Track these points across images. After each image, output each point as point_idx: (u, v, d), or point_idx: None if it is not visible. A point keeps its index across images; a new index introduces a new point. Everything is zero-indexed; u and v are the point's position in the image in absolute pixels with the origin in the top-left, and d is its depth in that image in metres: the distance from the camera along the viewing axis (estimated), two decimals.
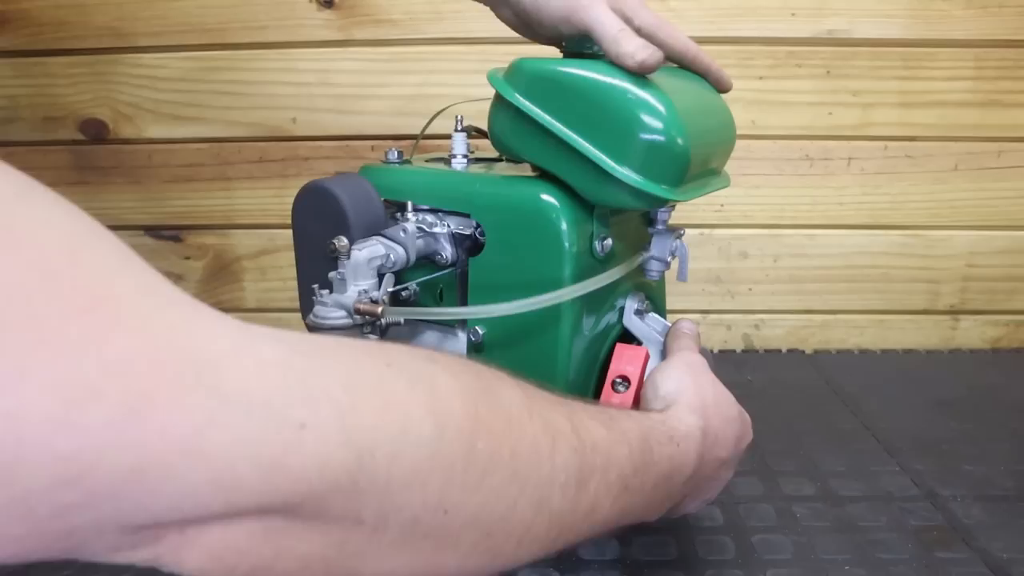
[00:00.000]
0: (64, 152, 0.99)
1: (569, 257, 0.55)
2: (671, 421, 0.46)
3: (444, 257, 0.60)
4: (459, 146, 0.64)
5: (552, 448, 0.35)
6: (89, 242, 0.25)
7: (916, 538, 0.62)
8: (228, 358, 0.25)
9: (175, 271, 1.02)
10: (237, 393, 0.24)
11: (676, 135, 0.51)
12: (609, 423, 0.40)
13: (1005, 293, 1.02)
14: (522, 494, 0.33)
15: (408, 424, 0.29)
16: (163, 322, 0.24)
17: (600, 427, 0.39)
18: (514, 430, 0.34)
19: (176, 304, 0.25)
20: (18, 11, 0.94)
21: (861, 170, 0.97)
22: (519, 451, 0.33)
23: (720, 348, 1.03)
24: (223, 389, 0.24)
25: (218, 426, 0.24)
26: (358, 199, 0.58)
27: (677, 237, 0.61)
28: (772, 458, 0.74)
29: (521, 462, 0.33)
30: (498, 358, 0.59)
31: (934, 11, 0.92)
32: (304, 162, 0.98)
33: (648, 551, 0.61)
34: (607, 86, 0.52)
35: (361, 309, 0.52)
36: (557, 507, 0.36)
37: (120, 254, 0.25)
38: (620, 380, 0.55)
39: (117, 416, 0.22)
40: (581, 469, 0.37)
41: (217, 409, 0.24)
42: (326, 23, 0.93)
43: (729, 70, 0.61)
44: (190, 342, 0.24)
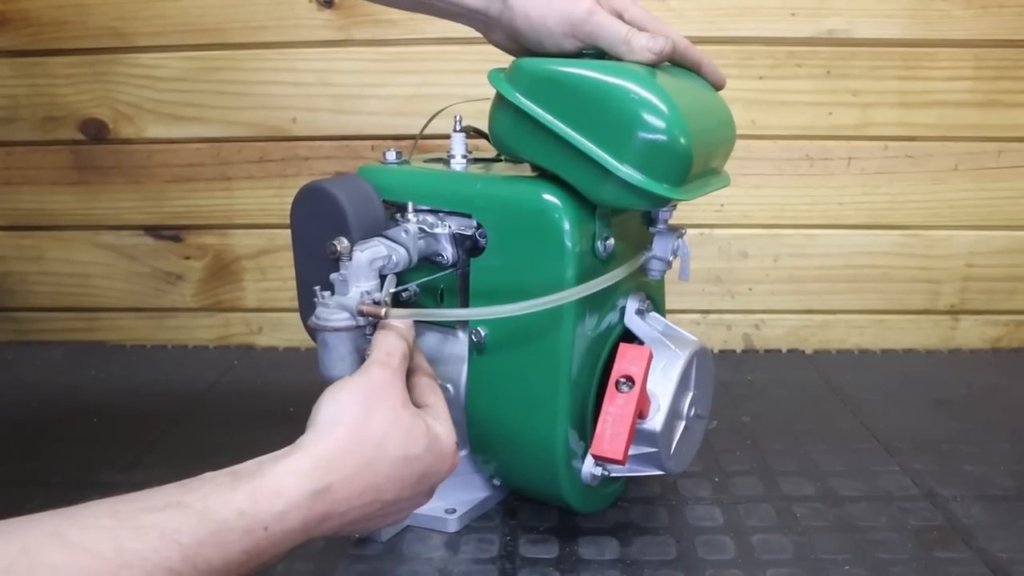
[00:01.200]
0: (64, 152, 0.99)
1: (572, 257, 0.55)
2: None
3: (445, 258, 0.60)
4: (458, 146, 0.64)
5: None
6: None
7: (916, 538, 0.62)
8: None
9: (175, 271, 1.02)
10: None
11: (678, 134, 0.51)
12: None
13: (1005, 293, 1.02)
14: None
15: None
16: None
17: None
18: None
19: None
20: (18, 11, 0.94)
21: (861, 170, 0.97)
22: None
23: (720, 348, 1.03)
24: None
25: None
26: (357, 200, 0.58)
27: (678, 236, 0.61)
28: (772, 458, 0.74)
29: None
30: (500, 359, 0.60)
31: (934, 11, 0.92)
32: (304, 162, 0.98)
33: (648, 551, 0.61)
34: (609, 85, 0.52)
35: (364, 311, 0.52)
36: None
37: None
38: (624, 380, 0.55)
39: None
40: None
41: None
42: (326, 23, 0.93)
43: (729, 70, 0.61)
44: None
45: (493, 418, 0.61)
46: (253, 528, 0.40)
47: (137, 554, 0.35)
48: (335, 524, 0.45)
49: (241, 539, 0.39)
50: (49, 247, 1.03)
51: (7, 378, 0.95)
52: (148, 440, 0.78)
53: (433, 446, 0.48)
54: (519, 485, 0.65)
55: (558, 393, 0.57)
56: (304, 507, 0.42)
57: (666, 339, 0.60)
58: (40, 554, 0.33)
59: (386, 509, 0.47)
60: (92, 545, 0.35)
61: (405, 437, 0.47)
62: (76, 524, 0.36)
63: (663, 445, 0.58)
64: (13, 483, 0.70)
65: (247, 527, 0.39)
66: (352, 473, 0.44)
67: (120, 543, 0.35)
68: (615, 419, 0.54)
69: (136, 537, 0.36)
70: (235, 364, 0.98)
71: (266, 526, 0.40)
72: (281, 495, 0.41)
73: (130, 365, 0.99)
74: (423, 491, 0.50)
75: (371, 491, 0.45)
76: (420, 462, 0.47)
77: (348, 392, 0.47)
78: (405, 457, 0.46)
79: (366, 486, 0.45)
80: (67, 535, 0.35)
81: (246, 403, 0.87)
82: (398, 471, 0.46)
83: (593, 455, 0.56)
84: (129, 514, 0.37)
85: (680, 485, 0.70)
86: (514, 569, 0.59)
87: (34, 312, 1.05)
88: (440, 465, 0.49)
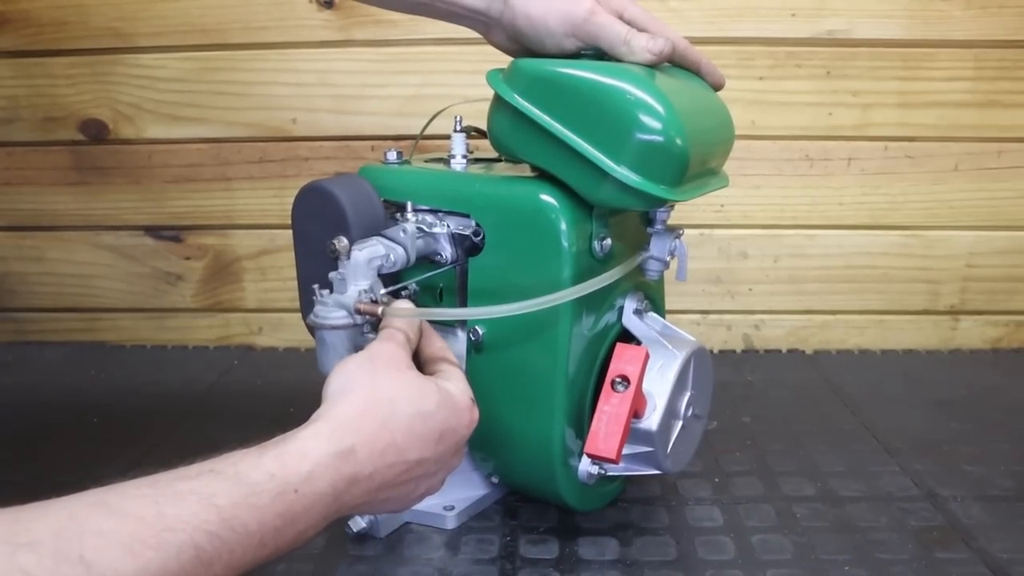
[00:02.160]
0: (64, 152, 0.99)
1: (568, 257, 0.56)
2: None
3: (444, 257, 0.60)
4: (458, 146, 0.64)
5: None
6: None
7: (916, 538, 0.62)
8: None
9: (175, 271, 1.02)
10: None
11: (675, 135, 0.51)
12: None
13: (1005, 293, 1.02)
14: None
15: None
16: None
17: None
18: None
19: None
20: (18, 11, 0.94)
21: (861, 170, 0.97)
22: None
23: (720, 348, 1.03)
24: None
25: None
26: (357, 199, 0.58)
27: (676, 237, 0.61)
28: (772, 458, 0.74)
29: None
30: (498, 358, 0.60)
31: (934, 11, 0.92)
32: (304, 162, 0.98)
33: (648, 551, 0.61)
34: (606, 86, 0.52)
35: (362, 309, 0.53)
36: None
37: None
38: (620, 380, 0.55)
39: None
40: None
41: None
42: (326, 23, 0.93)
43: (729, 70, 0.61)
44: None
45: (491, 416, 0.60)
46: (284, 490, 0.41)
47: (176, 518, 0.36)
48: (365, 490, 0.45)
49: (274, 501, 0.40)
50: (49, 247, 1.03)
51: (7, 378, 0.95)
52: (148, 440, 0.78)
53: (446, 402, 0.49)
54: (517, 483, 0.65)
55: (555, 392, 0.58)
56: (331, 467, 0.43)
57: (664, 339, 0.60)
58: (88, 521, 0.34)
59: (413, 471, 0.48)
60: (135, 511, 0.36)
61: (416, 394, 0.48)
62: (117, 494, 0.37)
63: (659, 444, 0.58)
64: (13, 483, 0.70)
65: (278, 489, 0.40)
66: (371, 433, 0.45)
67: (160, 508, 0.36)
68: (610, 418, 0.55)
69: (174, 502, 0.37)
70: (235, 364, 0.99)
71: (296, 488, 0.41)
72: (307, 456, 0.42)
73: (130, 365, 0.99)
74: (448, 450, 0.50)
75: (393, 450, 0.46)
76: (435, 419, 0.48)
77: (355, 363, 0.48)
78: (419, 413, 0.47)
79: (386, 444, 0.46)
80: (110, 503, 0.36)
81: (246, 403, 0.87)
82: (414, 428, 0.47)
83: (587, 454, 0.56)
84: (166, 483, 0.38)
85: (680, 485, 0.70)
86: (514, 569, 0.59)
87: (34, 312, 1.05)
88: (457, 420, 0.49)
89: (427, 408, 0.48)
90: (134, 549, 0.34)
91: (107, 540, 0.34)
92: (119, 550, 0.34)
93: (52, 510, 0.35)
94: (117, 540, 0.34)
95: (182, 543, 0.36)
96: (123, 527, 0.35)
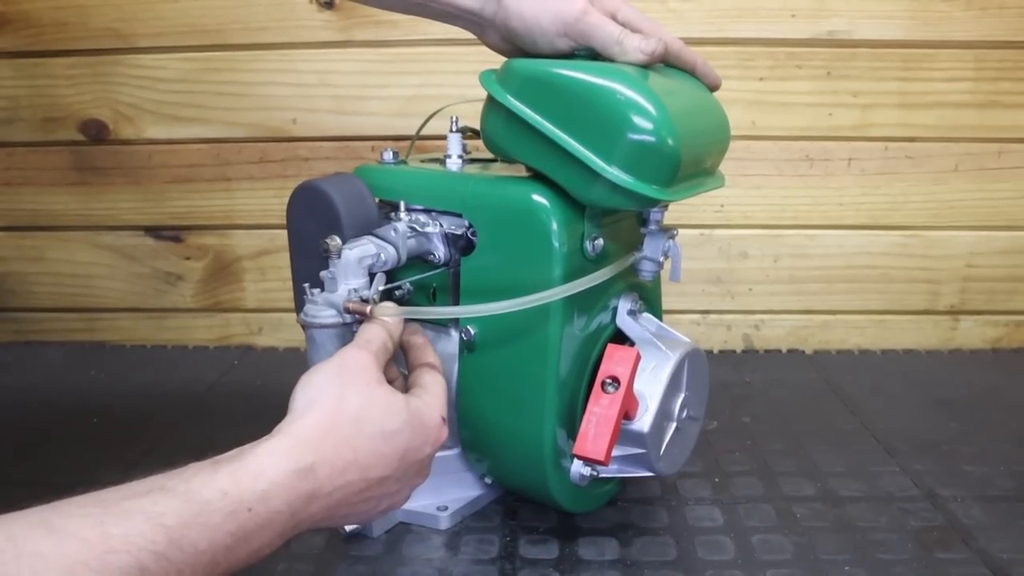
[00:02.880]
0: (64, 152, 0.99)
1: (559, 257, 0.56)
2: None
3: (437, 257, 0.60)
4: (454, 146, 0.64)
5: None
6: None
7: (916, 538, 0.62)
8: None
9: (175, 271, 1.02)
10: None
11: (666, 135, 0.51)
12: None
13: (1005, 293, 1.02)
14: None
15: None
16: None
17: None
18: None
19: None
20: (18, 12, 0.94)
21: (861, 171, 0.97)
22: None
23: (720, 348, 1.03)
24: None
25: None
26: (351, 199, 0.58)
27: (670, 238, 0.61)
28: (772, 458, 0.74)
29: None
30: (489, 358, 0.60)
31: (934, 12, 0.92)
32: (304, 163, 0.98)
33: (648, 551, 0.61)
34: (597, 87, 0.52)
35: (351, 308, 0.53)
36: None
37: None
38: (610, 381, 0.55)
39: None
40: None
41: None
42: (326, 24, 0.93)
43: (729, 71, 0.61)
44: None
45: (483, 416, 0.61)
46: (237, 509, 0.39)
47: (122, 538, 0.35)
48: (323, 507, 0.44)
49: (226, 520, 0.39)
50: (49, 247, 1.03)
51: (7, 378, 0.95)
52: (148, 440, 0.78)
53: (412, 420, 0.48)
54: (510, 484, 0.65)
55: (546, 392, 0.57)
56: (287, 486, 0.42)
57: (657, 340, 0.60)
58: (26, 543, 0.33)
59: (374, 490, 0.47)
60: (77, 531, 0.35)
61: (381, 412, 0.47)
62: (60, 513, 0.36)
63: (652, 446, 0.58)
64: (13, 483, 0.70)
65: (231, 508, 0.39)
66: (332, 451, 0.44)
67: (105, 528, 0.35)
68: (599, 419, 0.54)
69: (120, 522, 0.36)
70: (235, 364, 0.99)
71: (250, 507, 0.40)
72: (263, 474, 0.41)
73: (130, 365, 0.99)
74: (411, 469, 0.49)
75: (354, 469, 0.45)
76: (399, 437, 0.47)
77: (322, 374, 0.47)
78: (382, 432, 0.46)
79: (347, 463, 0.45)
80: (52, 523, 0.35)
81: (246, 403, 0.87)
82: (377, 447, 0.46)
83: (575, 455, 0.55)
84: (113, 501, 0.37)
85: (680, 485, 0.70)
86: (514, 569, 0.59)
87: (34, 312, 1.05)
88: (422, 439, 0.49)
89: (392, 426, 0.47)
90: (75, 572, 0.33)
91: (47, 563, 0.33)
92: (59, 573, 0.33)
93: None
94: (57, 563, 0.33)
95: (126, 565, 0.35)
96: (64, 548, 0.34)
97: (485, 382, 0.60)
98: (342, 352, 0.49)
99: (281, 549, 0.60)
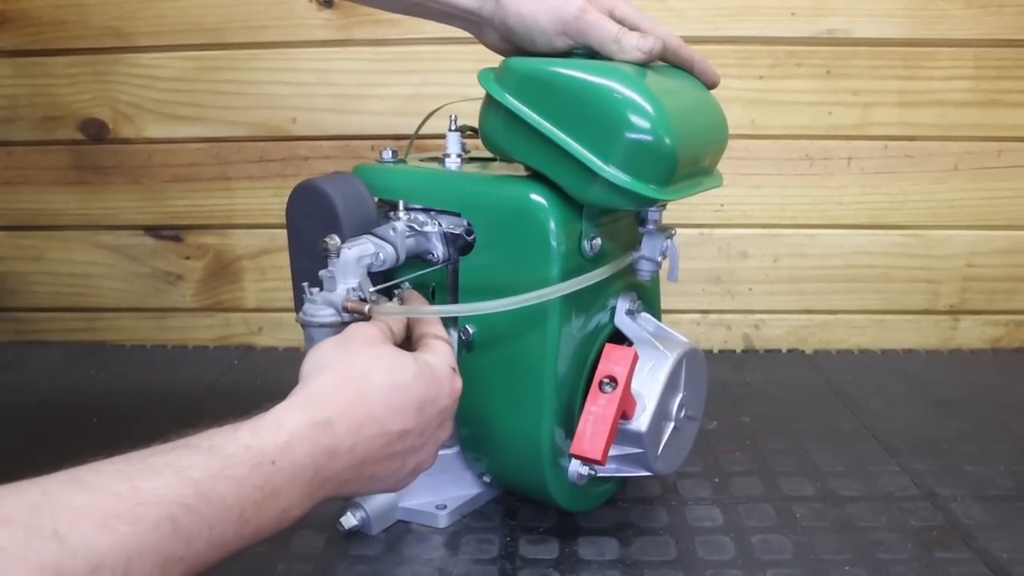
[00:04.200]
0: (64, 152, 0.99)
1: (556, 256, 0.56)
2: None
3: (436, 256, 0.60)
4: (453, 145, 0.64)
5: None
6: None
7: (916, 538, 0.62)
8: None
9: (175, 271, 1.02)
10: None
11: (663, 134, 0.51)
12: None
13: (1005, 293, 1.02)
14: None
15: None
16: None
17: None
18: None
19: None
20: (18, 11, 0.94)
21: (861, 170, 0.97)
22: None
23: (720, 348, 1.03)
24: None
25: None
26: (350, 198, 0.58)
27: (668, 237, 0.61)
28: (772, 458, 0.74)
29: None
30: (488, 357, 0.60)
31: (933, 11, 0.92)
32: (304, 162, 0.98)
33: (648, 551, 0.61)
34: (593, 85, 0.52)
35: (349, 307, 0.53)
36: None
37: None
38: (607, 380, 0.55)
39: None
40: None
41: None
42: (326, 23, 0.93)
43: (729, 70, 0.61)
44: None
45: (481, 415, 0.61)
46: (261, 461, 0.40)
47: (151, 492, 0.36)
48: (347, 465, 0.45)
49: (251, 473, 0.40)
50: (49, 247, 1.03)
51: (7, 378, 0.95)
52: (148, 440, 0.78)
53: (424, 372, 0.48)
54: (508, 482, 0.65)
55: (544, 391, 0.57)
56: (308, 439, 0.43)
57: (655, 340, 0.60)
58: (61, 497, 0.34)
59: (396, 444, 0.47)
60: (109, 486, 0.36)
61: (390, 366, 0.47)
62: (91, 471, 0.37)
63: (649, 446, 0.58)
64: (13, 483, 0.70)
65: (255, 460, 0.40)
66: (347, 406, 0.45)
67: (134, 483, 0.36)
68: (596, 419, 0.54)
69: (149, 476, 0.37)
70: (235, 364, 0.98)
71: (273, 459, 0.41)
72: (283, 427, 0.42)
73: (130, 365, 0.99)
74: (430, 421, 0.49)
75: (371, 423, 0.46)
76: (412, 389, 0.47)
77: (329, 343, 0.49)
78: (394, 385, 0.47)
79: (363, 418, 0.45)
80: (84, 479, 0.36)
81: (246, 403, 0.86)
82: (391, 400, 0.47)
83: (572, 454, 0.56)
84: (140, 458, 0.38)
85: (680, 485, 0.70)
86: (514, 569, 0.59)
87: (34, 312, 1.05)
88: (437, 389, 0.49)
89: (403, 379, 0.47)
90: (108, 524, 0.34)
91: (80, 515, 0.34)
92: (92, 525, 0.34)
93: (26, 487, 0.35)
94: (90, 515, 0.34)
95: (158, 517, 0.35)
96: (97, 502, 0.35)
97: (484, 381, 0.60)
98: (347, 328, 0.50)
99: (281, 548, 0.60)
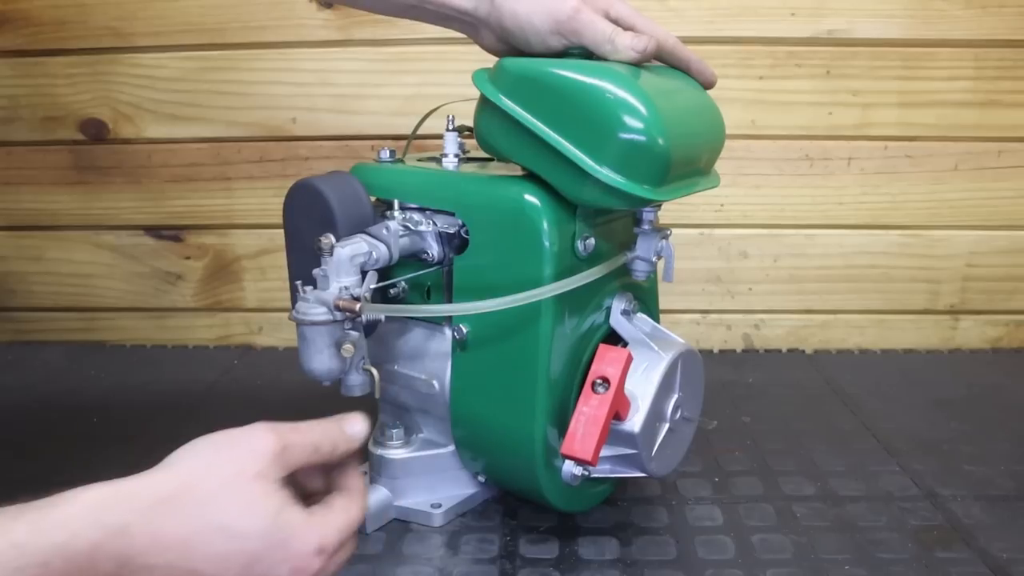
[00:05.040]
0: (64, 152, 0.99)
1: (550, 256, 0.56)
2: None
3: (430, 255, 0.60)
4: (450, 145, 0.64)
5: None
6: None
7: (916, 538, 0.62)
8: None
9: (175, 271, 1.02)
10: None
11: (656, 135, 0.51)
12: None
13: (1005, 293, 1.02)
14: None
15: None
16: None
17: None
18: None
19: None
20: (18, 11, 0.94)
21: (861, 170, 0.97)
22: None
23: (720, 348, 1.03)
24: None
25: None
26: (345, 197, 0.58)
27: (663, 238, 0.60)
28: (772, 458, 0.74)
29: None
30: (482, 356, 0.60)
31: (934, 11, 0.92)
32: (304, 162, 0.98)
33: (648, 551, 0.61)
34: (587, 86, 0.52)
35: (341, 306, 0.53)
36: None
37: None
38: (600, 381, 0.54)
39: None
40: None
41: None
42: (326, 23, 0.93)
43: (729, 70, 0.61)
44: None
45: (476, 415, 0.61)
46: (25, 565, 0.34)
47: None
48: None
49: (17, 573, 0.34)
50: (49, 247, 1.03)
51: (7, 378, 0.95)
52: (148, 440, 0.78)
53: (272, 533, 0.40)
54: (502, 482, 0.65)
55: (537, 391, 0.57)
56: (90, 540, 0.36)
57: (651, 341, 0.60)
58: None
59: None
60: None
61: (240, 507, 0.39)
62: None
63: (643, 447, 0.58)
64: (13, 483, 0.70)
65: (16, 564, 0.34)
66: (161, 523, 0.38)
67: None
68: (588, 419, 0.54)
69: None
70: (235, 364, 0.98)
71: (45, 561, 0.35)
72: (67, 525, 0.36)
73: (130, 365, 0.99)
74: None
75: (178, 551, 0.38)
76: (248, 543, 0.39)
77: (215, 442, 0.42)
78: (227, 528, 0.39)
79: (172, 544, 0.38)
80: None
81: (246, 403, 0.87)
82: (216, 542, 0.39)
83: (563, 454, 0.55)
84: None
85: (680, 485, 0.70)
86: (514, 569, 0.59)
87: (34, 312, 1.05)
88: (278, 557, 0.40)
89: (243, 528, 0.39)
90: None
91: None
92: None
93: None
94: None
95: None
96: None
97: (477, 380, 0.60)
98: (254, 426, 0.43)
99: None
